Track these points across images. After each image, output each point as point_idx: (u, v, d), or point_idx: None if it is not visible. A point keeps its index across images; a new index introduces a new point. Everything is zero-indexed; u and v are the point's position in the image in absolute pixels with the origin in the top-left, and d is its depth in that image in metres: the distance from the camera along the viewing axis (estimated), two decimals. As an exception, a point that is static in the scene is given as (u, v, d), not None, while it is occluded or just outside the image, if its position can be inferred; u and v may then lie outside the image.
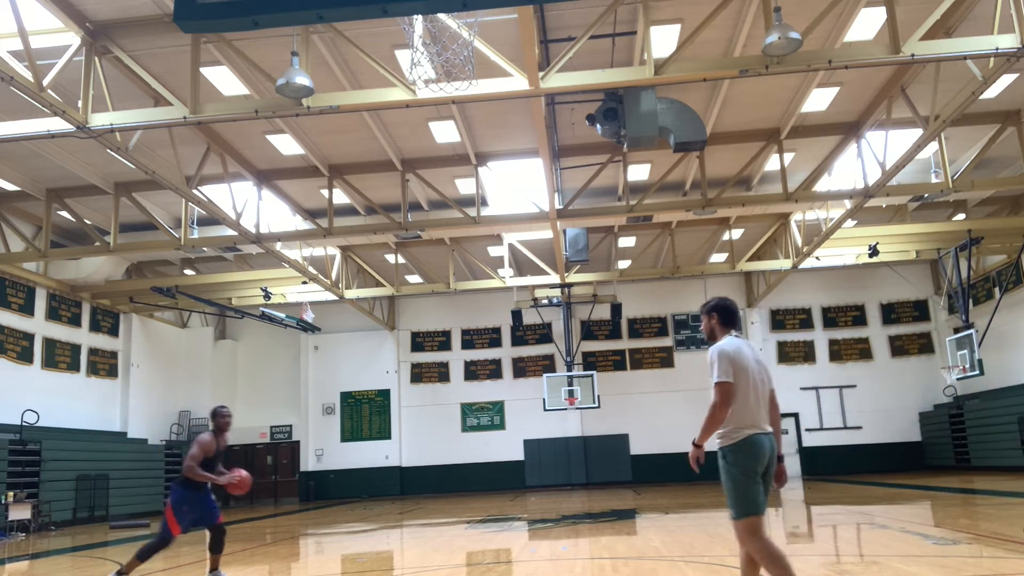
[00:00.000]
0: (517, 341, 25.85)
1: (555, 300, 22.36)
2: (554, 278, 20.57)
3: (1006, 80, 13.25)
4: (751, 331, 25.17)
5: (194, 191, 13.93)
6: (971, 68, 10.71)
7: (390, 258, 21.47)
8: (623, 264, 22.56)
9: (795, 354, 25.32)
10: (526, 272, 22.97)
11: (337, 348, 26.04)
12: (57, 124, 10.49)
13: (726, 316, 4.68)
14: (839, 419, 24.76)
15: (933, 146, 14.94)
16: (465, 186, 17.25)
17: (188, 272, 22.25)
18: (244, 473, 7.12)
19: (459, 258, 21.79)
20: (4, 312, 18.02)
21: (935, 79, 12.04)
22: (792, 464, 24.67)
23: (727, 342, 4.59)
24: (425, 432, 25.58)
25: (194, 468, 6.84)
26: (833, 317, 25.42)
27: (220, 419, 7.14)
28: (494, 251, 21.62)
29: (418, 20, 8.28)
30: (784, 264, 20.18)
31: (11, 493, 15.83)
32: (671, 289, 25.59)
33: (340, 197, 17.08)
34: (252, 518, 18.48)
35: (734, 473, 4.34)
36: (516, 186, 16.36)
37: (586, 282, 21.54)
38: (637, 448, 24.74)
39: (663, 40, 11.39)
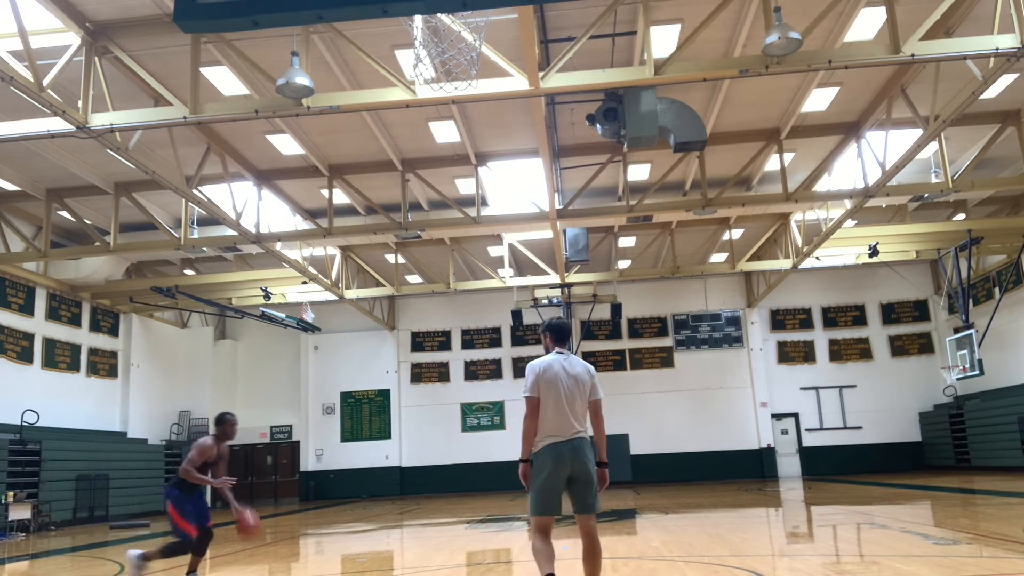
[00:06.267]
0: (517, 341, 25.84)
1: (555, 300, 22.34)
2: (554, 278, 20.56)
3: (1006, 80, 13.24)
4: (751, 331, 25.19)
5: (194, 191, 13.93)
6: (971, 68, 10.71)
7: (390, 258, 21.47)
8: (623, 264, 22.55)
9: (795, 354, 25.31)
10: (526, 272, 22.96)
11: (337, 348, 26.04)
12: (57, 124, 10.49)
13: (557, 334, 5.08)
14: (839, 419, 24.76)
15: (933, 146, 14.94)
16: (465, 186, 17.24)
17: (188, 272, 22.24)
18: (250, 519, 6.93)
19: (459, 258, 21.78)
20: (4, 312, 18.02)
21: (935, 79, 12.04)
22: (792, 464, 24.72)
23: (539, 360, 4.97)
24: (425, 432, 25.58)
25: (190, 472, 6.81)
26: (833, 317, 25.41)
27: (227, 426, 7.01)
28: (494, 251, 21.62)
29: (420, 18, 8.28)
30: (784, 264, 20.18)
31: (11, 493, 15.82)
32: (671, 289, 25.58)
33: (340, 197, 17.08)
34: (252, 518, 18.47)
35: (540, 473, 4.80)
36: (516, 186, 16.36)
37: (586, 282, 21.54)
38: (637, 448, 24.75)
39: (663, 40, 11.39)
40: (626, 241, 21.69)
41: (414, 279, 24.16)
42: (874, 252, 18.26)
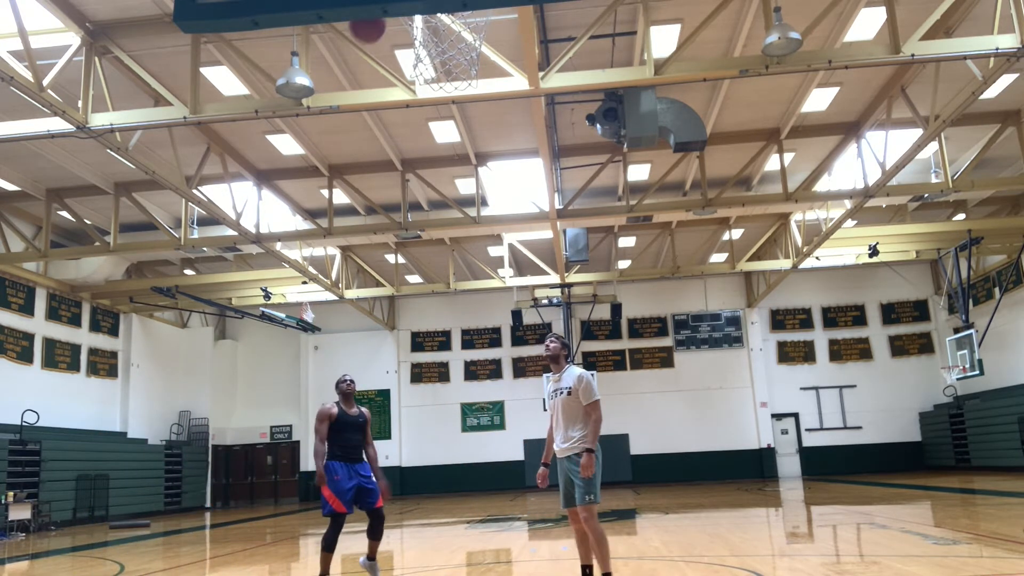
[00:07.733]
0: (517, 341, 25.84)
1: (555, 300, 22.35)
2: (554, 278, 20.56)
3: (1006, 80, 13.24)
4: (751, 331, 25.19)
5: (194, 191, 13.93)
6: (971, 68, 10.71)
7: (390, 258, 21.47)
8: (623, 264, 22.56)
9: (795, 354, 25.31)
10: (526, 272, 22.96)
11: (337, 348, 26.03)
12: (57, 124, 10.49)
13: (569, 354, 6.07)
14: (839, 419, 24.76)
15: (933, 146, 14.94)
16: (465, 186, 17.24)
17: (188, 272, 22.24)
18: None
19: (459, 258, 21.78)
20: (4, 312, 18.01)
21: (935, 79, 12.04)
22: (792, 464, 24.73)
23: (584, 369, 5.89)
24: (425, 432, 25.57)
25: (317, 448, 6.84)
26: (833, 317, 25.41)
27: (340, 385, 7.22)
28: (494, 251, 21.62)
29: (420, 18, 8.28)
30: (784, 264, 20.18)
31: (11, 493, 15.82)
32: (671, 289, 25.59)
33: (340, 197, 17.08)
34: (252, 518, 18.49)
35: (600, 465, 5.52)
36: (516, 186, 16.36)
37: (586, 282, 21.54)
38: (637, 448, 24.75)
39: (663, 40, 11.39)
40: (626, 241, 21.69)
41: (414, 279, 24.17)
42: (874, 252, 18.26)
